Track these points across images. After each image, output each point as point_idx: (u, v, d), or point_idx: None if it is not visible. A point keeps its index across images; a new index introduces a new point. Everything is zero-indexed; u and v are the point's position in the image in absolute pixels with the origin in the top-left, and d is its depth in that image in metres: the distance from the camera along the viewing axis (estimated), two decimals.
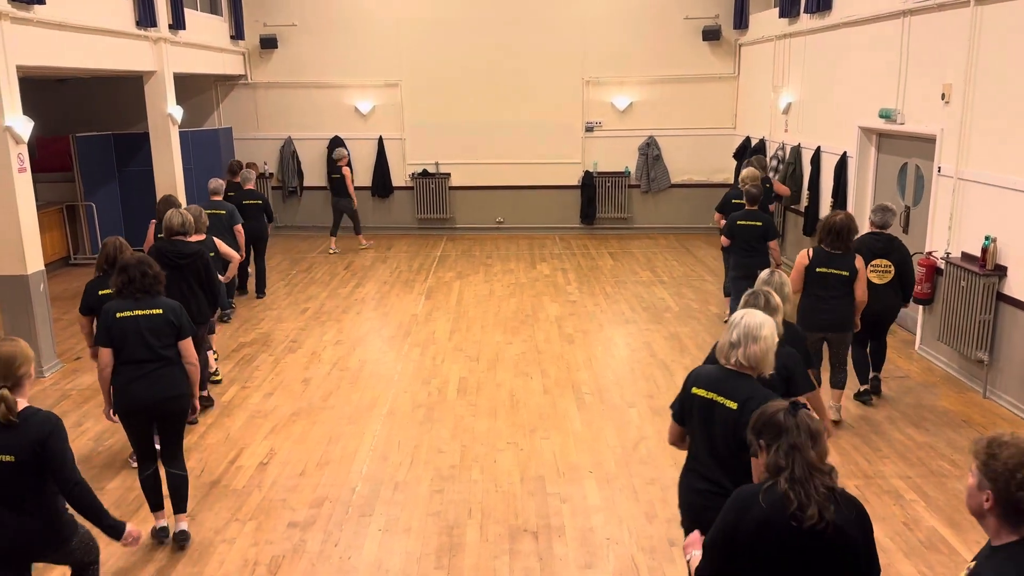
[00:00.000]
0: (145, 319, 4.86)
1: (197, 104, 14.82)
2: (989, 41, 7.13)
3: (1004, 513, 2.23)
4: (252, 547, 5.00)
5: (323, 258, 13.28)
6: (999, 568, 2.20)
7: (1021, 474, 2.19)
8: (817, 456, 2.57)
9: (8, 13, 7.66)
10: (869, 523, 2.62)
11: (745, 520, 2.59)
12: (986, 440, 2.29)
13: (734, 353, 3.43)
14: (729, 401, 3.39)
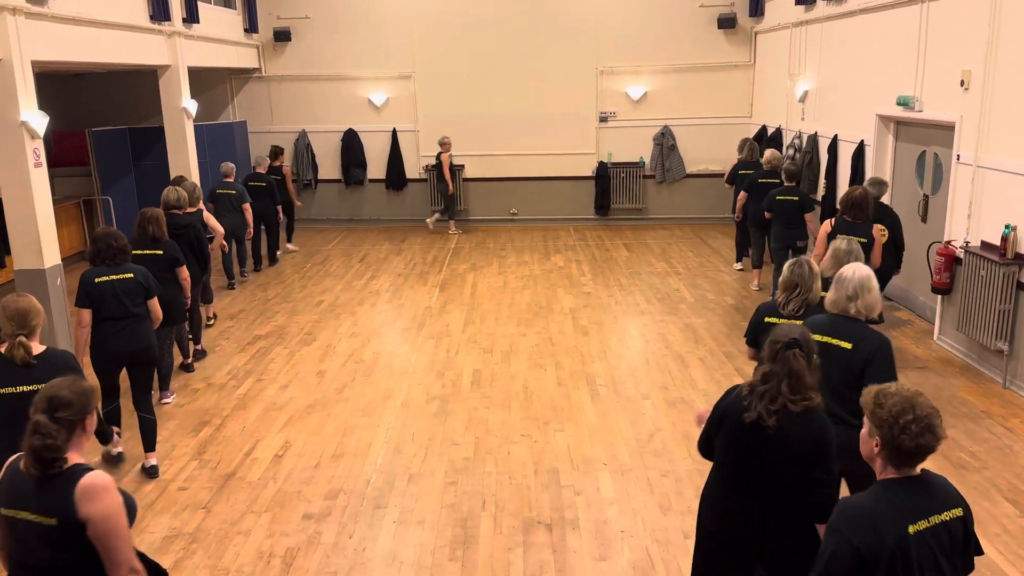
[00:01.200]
0: (120, 282, 5.78)
1: (211, 98, 14.87)
2: (1009, 26, 7.01)
3: (889, 455, 2.62)
4: (267, 539, 5.03)
5: (338, 251, 13.31)
6: (878, 493, 2.63)
7: (903, 420, 2.54)
8: (791, 387, 3.19)
9: (22, 8, 7.70)
10: (823, 448, 3.20)
11: (720, 406, 3.43)
12: (874, 391, 2.67)
13: (852, 304, 4.01)
14: (844, 342, 3.96)
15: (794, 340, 3.25)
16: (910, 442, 2.54)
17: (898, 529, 2.53)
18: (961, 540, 2.65)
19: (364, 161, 14.98)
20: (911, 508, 2.57)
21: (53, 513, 2.73)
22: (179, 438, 6.47)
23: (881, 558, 2.50)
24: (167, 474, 5.88)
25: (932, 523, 2.58)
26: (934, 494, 2.64)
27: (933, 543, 2.56)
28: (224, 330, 9.20)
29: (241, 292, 10.80)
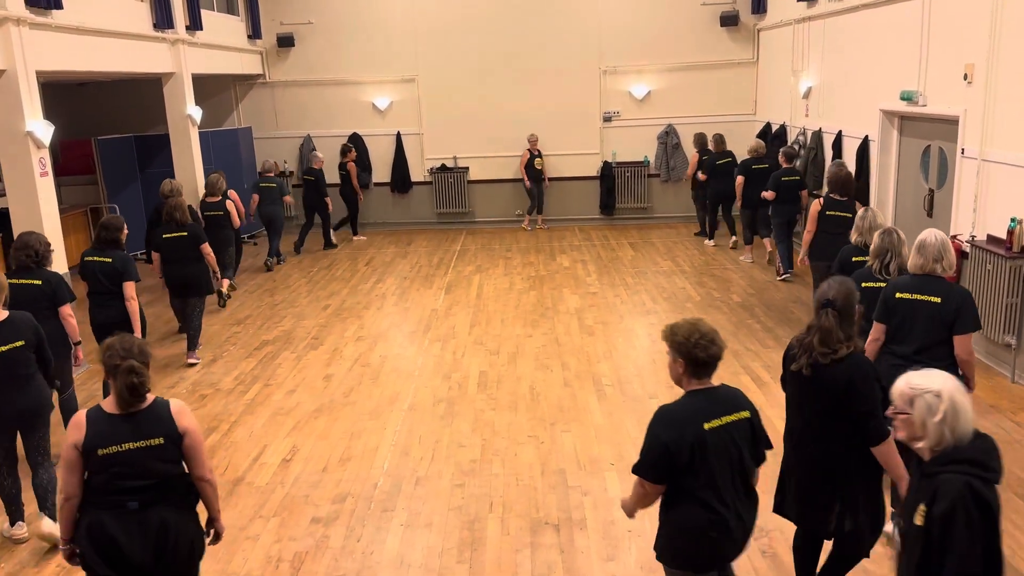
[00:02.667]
0: (99, 264, 6.78)
1: (216, 104, 14.93)
2: (1012, 19, 6.98)
3: (691, 370, 3.37)
4: (275, 543, 5.04)
5: (344, 254, 13.35)
6: (684, 401, 3.38)
7: (694, 338, 3.31)
8: (821, 341, 3.66)
9: (26, 19, 7.75)
10: (855, 386, 3.61)
11: (785, 353, 3.94)
12: (667, 327, 3.45)
13: (938, 264, 4.63)
14: (934, 297, 4.59)
15: (828, 301, 3.71)
16: (703, 353, 3.30)
17: (696, 427, 3.27)
18: (750, 435, 3.42)
19: (369, 165, 15.02)
20: (707, 410, 3.32)
21: (159, 434, 3.49)
22: None
23: (683, 448, 3.25)
24: None
25: (724, 421, 3.33)
26: (726, 400, 3.40)
27: (726, 436, 3.32)
28: (231, 335, 9.24)
29: (248, 297, 10.84)
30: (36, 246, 5.97)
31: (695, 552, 3.38)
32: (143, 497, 3.46)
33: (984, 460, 2.65)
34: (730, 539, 3.37)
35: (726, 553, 3.43)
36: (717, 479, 3.30)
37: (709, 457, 3.27)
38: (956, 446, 2.69)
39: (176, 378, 7.98)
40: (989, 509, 2.58)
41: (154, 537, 3.47)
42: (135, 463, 3.44)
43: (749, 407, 3.43)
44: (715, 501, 3.30)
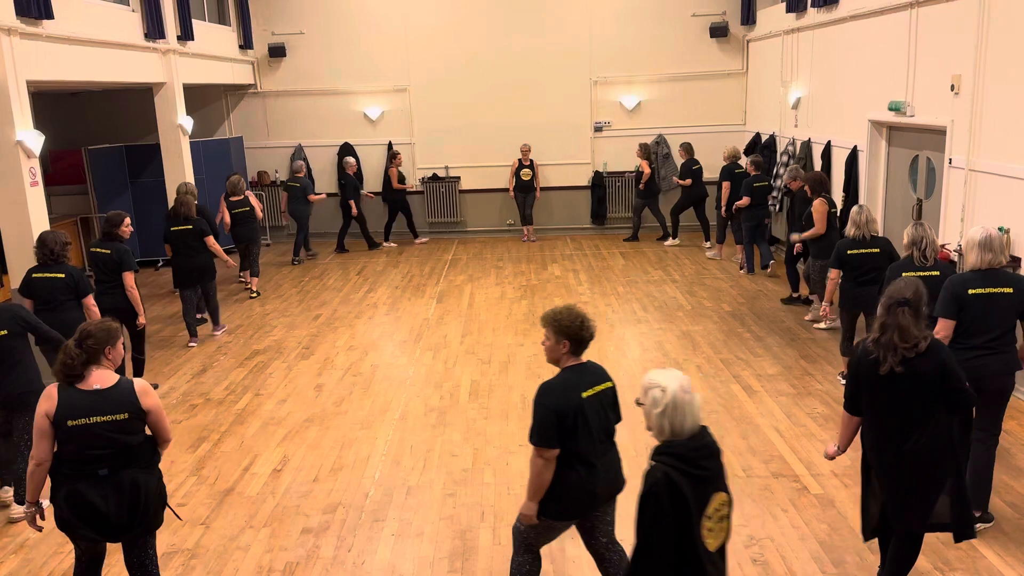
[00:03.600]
0: (99, 255, 7.59)
1: (207, 114, 14.92)
2: (998, 31, 7.06)
3: (572, 349, 3.89)
4: (266, 554, 5.02)
5: (335, 264, 13.34)
6: (564, 375, 3.89)
7: (579, 322, 3.85)
8: (901, 337, 3.84)
9: (17, 28, 7.75)
10: (946, 367, 3.88)
11: (853, 361, 4.11)
12: (549, 314, 3.93)
13: (1000, 257, 4.92)
14: (1006, 288, 4.87)
15: (905, 299, 3.91)
16: (588, 334, 3.88)
17: (576, 396, 3.81)
18: (612, 402, 3.98)
19: (360, 174, 15.01)
20: (583, 382, 3.87)
21: (125, 411, 3.87)
22: (177, 454, 6.48)
23: (569, 412, 3.77)
24: None
25: (595, 390, 3.88)
26: (594, 373, 3.95)
27: (597, 403, 3.87)
28: (222, 345, 9.21)
29: (239, 307, 10.82)
30: (52, 245, 6.64)
31: (579, 502, 3.90)
32: (112, 464, 3.86)
33: (691, 456, 2.93)
34: (604, 487, 3.93)
35: (601, 500, 3.97)
36: (593, 439, 3.85)
37: (588, 421, 3.81)
38: (672, 440, 2.98)
39: (167, 388, 7.95)
40: (683, 500, 2.85)
41: (128, 496, 3.90)
42: (102, 435, 3.83)
43: (610, 380, 4.03)
44: (592, 457, 3.85)
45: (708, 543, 2.93)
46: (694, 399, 3.00)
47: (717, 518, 2.97)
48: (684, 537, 2.87)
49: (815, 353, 8.23)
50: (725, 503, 3.01)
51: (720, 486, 3.01)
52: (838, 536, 4.97)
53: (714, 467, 2.98)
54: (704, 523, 2.91)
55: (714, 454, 3.01)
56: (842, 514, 5.21)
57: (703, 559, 2.91)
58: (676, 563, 2.88)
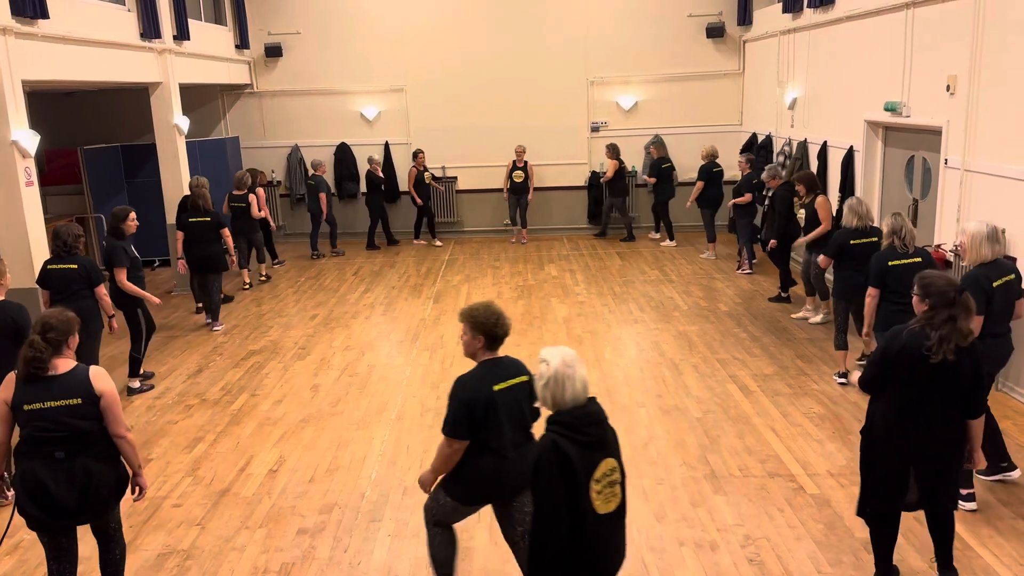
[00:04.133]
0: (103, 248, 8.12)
1: (203, 114, 14.90)
2: (993, 32, 7.07)
3: (487, 344, 4.06)
4: (262, 554, 5.01)
5: (332, 264, 13.33)
6: (478, 369, 4.06)
7: (494, 319, 4.02)
8: (962, 329, 4.00)
9: (12, 28, 7.73)
10: (982, 368, 4.09)
11: (892, 346, 4.10)
12: (466, 310, 4.10)
13: (1002, 247, 5.33)
14: (1011, 275, 5.24)
15: (962, 287, 4.10)
16: (501, 331, 4.04)
17: (488, 389, 3.95)
18: (529, 396, 4.03)
19: (357, 174, 15.00)
20: (496, 376, 4.00)
21: (78, 395, 4.00)
22: (173, 455, 6.46)
23: (479, 403, 3.91)
24: (161, 491, 5.87)
25: (509, 384, 4.01)
26: (509, 367, 4.07)
27: (511, 396, 4.00)
28: (218, 345, 9.20)
29: (235, 307, 10.80)
30: (65, 237, 6.95)
31: (486, 489, 4.10)
32: (68, 448, 4.00)
33: (577, 425, 3.11)
34: (514, 478, 4.05)
35: (510, 490, 4.11)
36: (505, 432, 3.98)
37: (499, 413, 3.95)
38: (558, 410, 3.16)
39: (162, 388, 7.94)
40: (569, 463, 3.03)
41: (79, 483, 4.01)
42: (56, 419, 3.97)
43: (527, 373, 4.09)
44: (502, 448, 3.99)
45: (597, 505, 3.11)
46: (576, 372, 3.17)
47: (606, 482, 3.15)
48: (575, 499, 3.06)
49: (811, 353, 8.23)
50: (615, 469, 3.18)
51: (609, 453, 3.18)
52: (834, 536, 4.97)
53: (599, 434, 3.17)
54: (592, 486, 3.10)
55: (598, 422, 3.19)
56: (838, 514, 5.21)
57: (594, 520, 3.10)
58: (570, 523, 3.05)
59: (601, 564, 3.18)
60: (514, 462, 4.03)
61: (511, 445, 4.02)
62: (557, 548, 3.05)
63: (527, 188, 14.17)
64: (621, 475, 3.23)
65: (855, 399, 7.00)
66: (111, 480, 4.13)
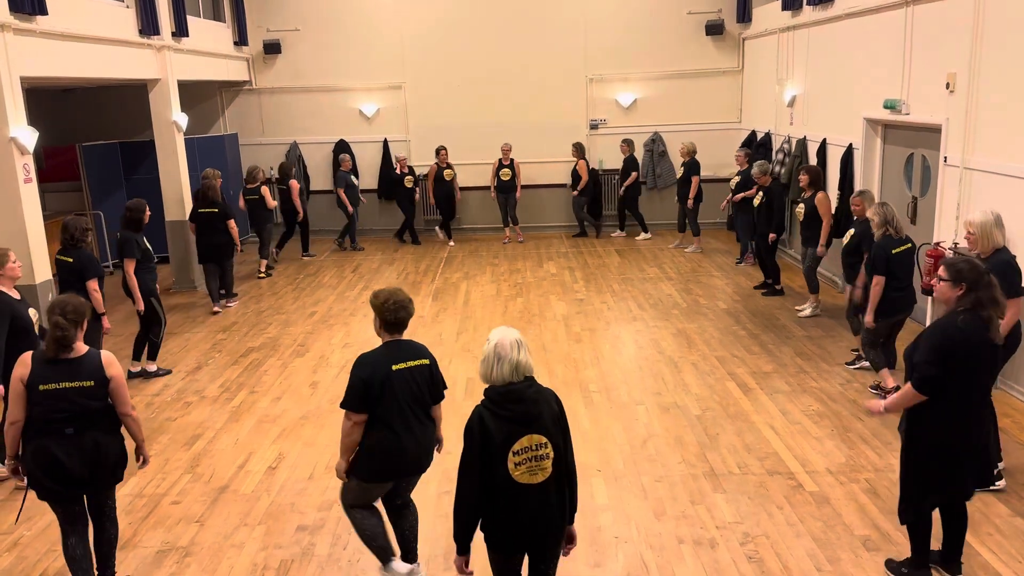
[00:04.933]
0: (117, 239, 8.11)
1: (202, 111, 14.87)
2: (993, 29, 7.07)
3: (386, 327, 4.29)
4: (261, 551, 5.01)
5: (331, 261, 13.32)
6: (379, 349, 4.28)
7: (388, 303, 4.24)
8: (999, 309, 4.11)
9: (10, 24, 7.71)
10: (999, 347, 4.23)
11: (952, 338, 4.07)
12: (373, 293, 4.34)
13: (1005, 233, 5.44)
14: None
15: (987, 268, 4.20)
16: (391, 316, 4.24)
17: (386, 367, 4.19)
18: (429, 378, 4.34)
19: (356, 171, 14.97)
20: (395, 356, 4.24)
21: (92, 378, 4.26)
22: (172, 452, 6.46)
23: (376, 381, 4.15)
24: (160, 488, 5.87)
25: (408, 365, 4.25)
26: (410, 350, 4.31)
27: (408, 376, 4.25)
28: (217, 342, 9.19)
29: (235, 304, 10.80)
30: (72, 230, 7.11)
31: (384, 466, 4.28)
32: (77, 424, 4.25)
33: (499, 400, 3.41)
34: (411, 455, 4.31)
35: (408, 466, 4.36)
36: (402, 409, 4.22)
37: (396, 391, 4.18)
38: (491, 385, 3.45)
39: (161, 385, 7.93)
40: (487, 432, 3.37)
41: (89, 455, 4.28)
42: (69, 399, 4.22)
43: (429, 357, 4.37)
44: (399, 427, 4.22)
45: (518, 475, 3.40)
46: (510, 355, 3.42)
47: (528, 456, 3.41)
48: (490, 464, 3.40)
49: (810, 351, 8.24)
50: (543, 445, 3.42)
51: (535, 429, 3.42)
52: (833, 533, 4.98)
53: (522, 410, 3.40)
54: (511, 457, 3.39)
55: (522, 400, 3.42)
56: (836, 511, 5.22)
57: (510, 487, 3.41)
58: (487, 485, 3.42)
59: (521, 530, 3.48)
60: (412, 441, 4.28)
61: (409, 424, 4.26)
62: (468, 503, 3.46)
63: (515, 186, 13.99)
64: (555, 452, 3.46)
65: (853, 396, 7.00)
66: (116, 450, 4.40)
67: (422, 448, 4.38)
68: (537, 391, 3.49)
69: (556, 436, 3.48)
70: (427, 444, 4.42)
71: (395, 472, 4.37)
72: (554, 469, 3.47)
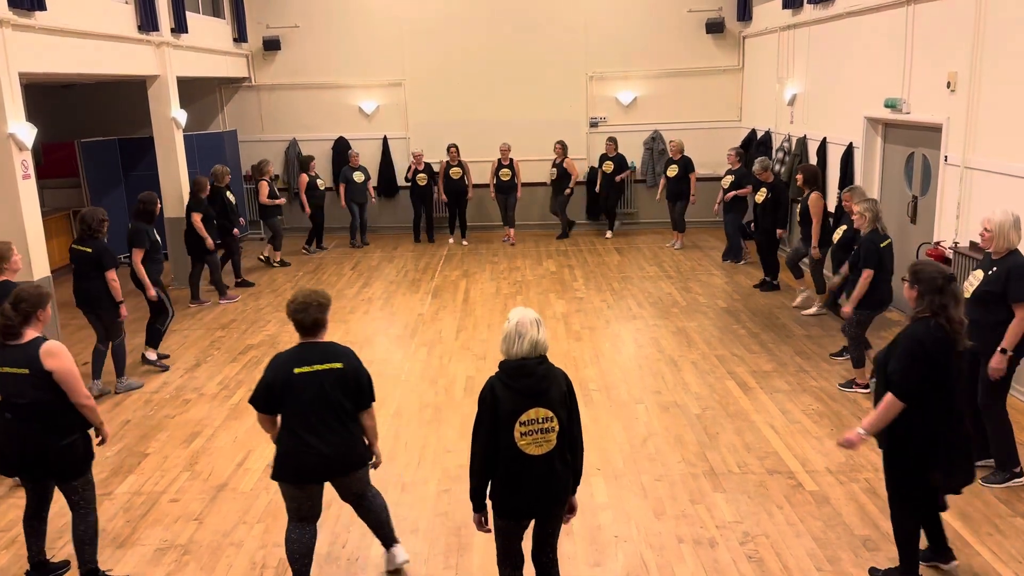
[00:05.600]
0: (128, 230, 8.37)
1: (201, 107, 14.84)
2: (994, 28, 7.06)
3: (296, 328, 4.30)
4: (260, 550, 5.00)
5: (330, 258, 13.30)
6: (291, 350, 4.30)
7: (291, 305, 4.24)
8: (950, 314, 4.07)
9: (9, 20, 7.68)
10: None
11: (926, 345, 4.05)
12: None
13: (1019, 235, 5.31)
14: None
15: (952, 275, 4.17)
16: (291, 316, 4.26)
17: (287, 371, 4.19)
18: (342, 382, 4.23)
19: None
20: (301, 359, 4.22)
21: (24, 366, 4.32)
22: (170, 449, 6.44)
23: (277, 384, 4.19)
24: (159, 486, 5.85)
25: (314, 369, 4.18)
26: (322, 353, 4.24)
27: (315, 380, 4.17)
28: (215, 340, 9.18)
29: (232, 302, 10.77)
30: (90, 220, 7.33)
31: (288, 468, 4.26)
32: (17, 412, 4.36)
33: (511, 373, 3.68)
34: (317, 460, 4.22)
35: (316, 470, 4.27)
36: (305, 413, 4.18)
37: (297, 395, 4.16)
38: (506, 359, 3.73)
39: (160, 382, 7.92)
40: (496, 401, 3.65)
41: (20, 445, 4.39)
42: (6, 384, 4.37)
43: (344, 360, 4.27)
44: (302, 430, 4.18)
45: (523, 445, 3.65)
46: (530, 332, 3.69)
47: (535, 428, 3.66)
48: (498, 430, 3.67)
49: (810, 350, 8.23)
50: (548, 419, 3.67)
51: (541, 403, 3.67)
52: (833, 533, 4.97)
53: (530, 384, 3.66)
54: (517, 427, 3.64)
55: (532, 375, 3.67)
56: (837, 511, 5.21)
57: (516, 456, 3.67)
58: (494, 449, 3.68)
59: (526, 497, 3.75)
60: (319, 445, 4.20)
61: (313, 428, 4.19)
62: (479, 463, 3.74)
63: (514, 186, 13.86)
64: (560, 426, 3.71)
65: (854, 396, 7.00)
66: (59, 447, 4.38)
67: (335, 453, 4.26)
68: (547, 369, 3.72)
69: (562, 412, 3.72)
70: (342, 450, 4.28)
71: (299, 475, 4.27)
72: (558, 442, 3.72)
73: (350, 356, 4.33)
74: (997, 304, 5.19)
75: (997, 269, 5.22)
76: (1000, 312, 5.18)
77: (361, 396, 4.33)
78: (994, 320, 5.19)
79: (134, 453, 6.34)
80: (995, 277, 5.20)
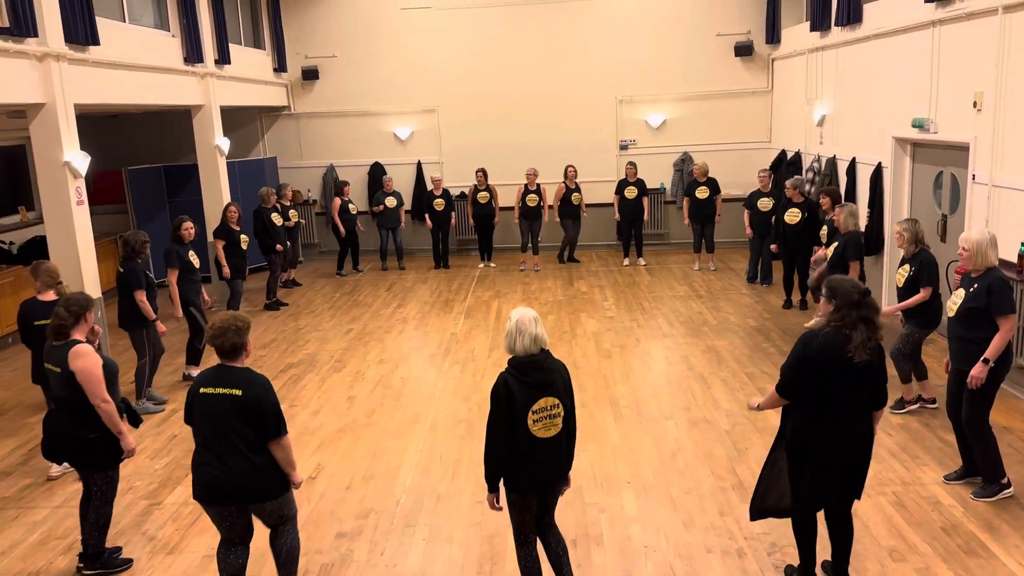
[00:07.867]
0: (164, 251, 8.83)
1: (243, 135, 15.32)
2: (1018, 48, 7.15)
3: (216, 351, 4.37)
4: (302, 557, 5.18)
5: (366, 280, 13.60)
6: (212, 369, 4.41)
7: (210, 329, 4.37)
8: (873, 328, 4.15)
9: (65, 55, 8.11)
10: (883, 362, 4.29)
11: (810, 349, 4.23)
12: None
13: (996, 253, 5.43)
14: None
15: (867, 290, 4.24)
16: (208, 341, 4.48)
17: (196, 388, 4.35)
18: (239, 409, 4.22)
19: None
20: (209, 380, 4.33)
21: (59, 365, 4.89)
22: None
23: (189, 399, 4.39)
24: None
25: (215, 391, 4.28)
26: (227, 377, 4.30)
27: (215, 402, 4.26)
28: (257, 359, 9.46)
29: (273, 322, 11.09)
30: (132, 243, 7.74)
31: (194, 483, 4.39)
32: (57, 403, 5.01)
33: (521, 368, 4.10)
34: (217, 481, 4.28)
35: (217, 491, 4.32)
36: (204, 433, 4.32)
37: (200, 414, 4.33)
38: (514, 356, 4.14)
39: None
40: (511, 394, 4.07)
41: (51, 431, 5.02)
42: (51, 379, 5.04)
43: (244, 389, 4.25)
44: (203, 447, 4.33)
45: (535, 430, 4.10)
46: (530, 328, 4.10)
47: (544, 415, 4.11)
48: (514, 422, 4.07)
49: None
50: (556, 406, 4.13)
51: (549, 392, 4.11)
52: (859, 545, 5.04)
53: (539, 377, 4.10)
54: (530, 416, 4.08)
55: (540, 368, 4.11)
56: (864, 522, 5.28)
57: (529, 440, 4.11)
58: (511, 440, 4.08)
59: (536, 473, 4.19)
60: (218, 466, 4.26)
61: (211, 448, 4.28)
62: (496, 452, 4.13)
63: (541, 213, 13.66)
64: (565, 411, 4.18)
65: None
66: (81, 439, 4.89)
67: (231, 477, 4.24)
68: (552, 362, 4.21)
69: (565, 399, 4.21)
70: (244, 480, 4.25)
71: (199, 491, 4.36)
72: (563, 425, 4.22)
73: (254, 384, 4.28)
74: (980, 320, 5.32)
75: (978, 286, 5.36)
76: (984, 328, 5.31)
77: (264, 426, 4.25)
78: (979, 336, 5.32)
79: (181, 466, 6.60)
80: (976, 294, 5.34)
